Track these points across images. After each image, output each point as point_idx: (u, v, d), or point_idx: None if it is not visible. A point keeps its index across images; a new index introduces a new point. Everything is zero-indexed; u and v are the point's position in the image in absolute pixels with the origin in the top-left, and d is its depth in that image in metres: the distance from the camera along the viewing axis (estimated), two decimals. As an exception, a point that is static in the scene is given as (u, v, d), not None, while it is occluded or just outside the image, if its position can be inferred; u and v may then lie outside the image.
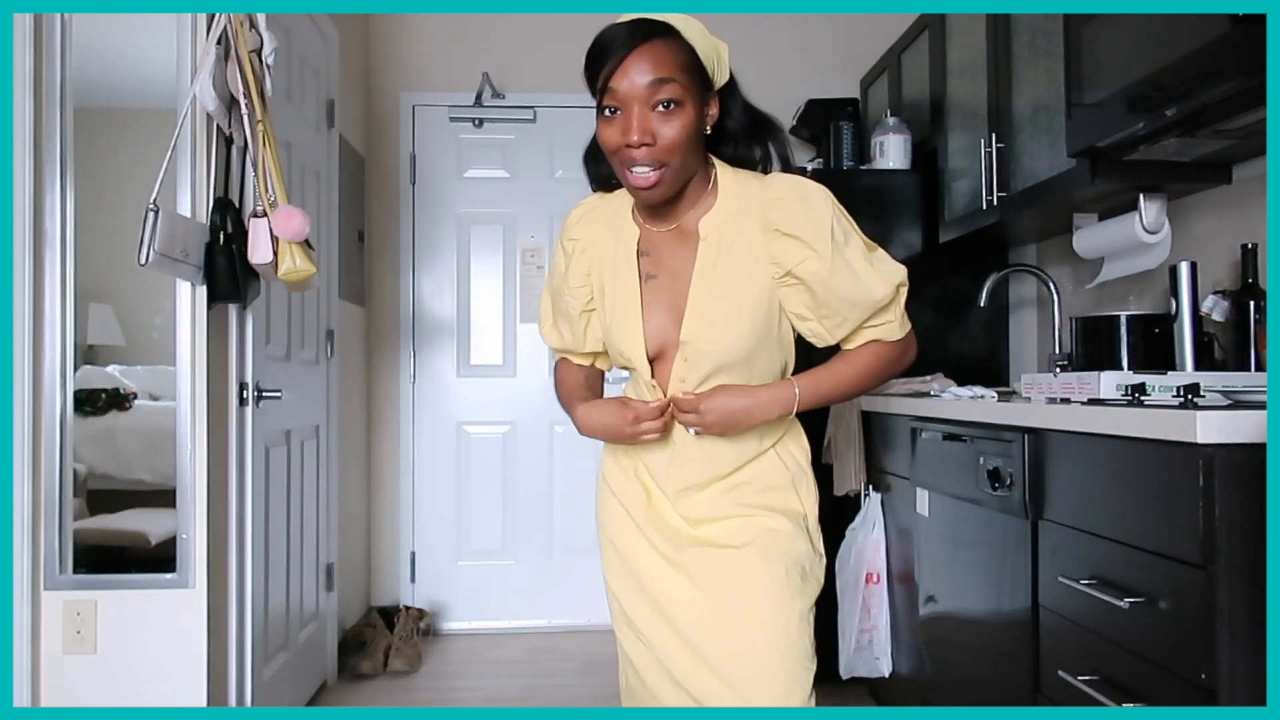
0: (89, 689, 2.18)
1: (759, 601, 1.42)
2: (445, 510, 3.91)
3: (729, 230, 1.41)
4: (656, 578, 1.48)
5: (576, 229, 1.54)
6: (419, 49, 3.93)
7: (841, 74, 3.88)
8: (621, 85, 1.31)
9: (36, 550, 2.14)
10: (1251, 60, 1.51)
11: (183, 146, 2.15)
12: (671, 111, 1.32)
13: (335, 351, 3.23)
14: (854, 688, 2.85)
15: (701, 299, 1.41)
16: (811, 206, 1.38)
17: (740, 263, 1.40)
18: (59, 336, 2.16)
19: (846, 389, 1.46)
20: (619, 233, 1.49)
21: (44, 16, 2.14)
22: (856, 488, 2.75)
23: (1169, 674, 1.38)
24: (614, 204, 1.53)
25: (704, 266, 1.41)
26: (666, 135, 1.32)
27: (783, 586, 1.43)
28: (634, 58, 1.30)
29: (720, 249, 1.41)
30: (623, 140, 1.33)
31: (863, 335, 1.45)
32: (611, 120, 1.34)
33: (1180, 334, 2.05)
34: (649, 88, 1.31)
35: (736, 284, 1.40)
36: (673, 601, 1.46)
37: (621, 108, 1.33)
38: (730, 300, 1.40)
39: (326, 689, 3.12)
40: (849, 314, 1.41)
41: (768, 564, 1.44)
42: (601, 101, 1.35)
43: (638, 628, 1.50)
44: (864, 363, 1.46)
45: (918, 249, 3.12)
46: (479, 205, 3.95)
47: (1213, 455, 1.30)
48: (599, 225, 1.52)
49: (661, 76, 1.31)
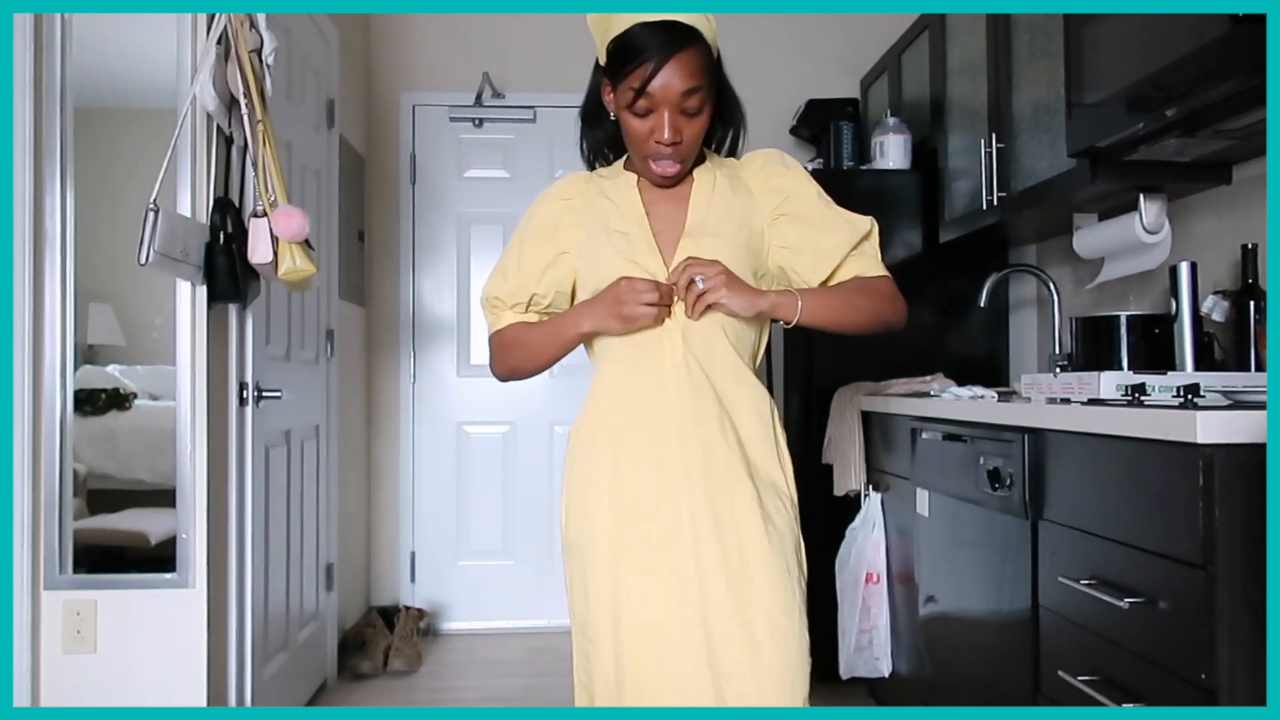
0: (89, 689, 2.18)
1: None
2: (445, 510, 3.91)
3: (721, 178, 1.55)
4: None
5: (568, 189, 1.59)
6: (419, 49, 3.93)
7: (841, 74, 3.88)
8: (658, 91, 1.40)
9: (36, 550, 2.14)
10: (1251, 60, 1.51)
11: (183, 146, 2.15)
12: (695, 116, 1.45)
13: (335, 351, 3.23)
14: (854, 688, 2.85)
15: (698, 219, 1.51)
16: (789, 159, 1.58)
17: (734, 199, 1.53)
18: (59, 336, 2.15)
19: (845, 304, 1.50)
20: (613, 186, 1.56)
21: (44, 16, 2.14)
22: (856, 488, 2.75)
23: (1169, 674, 1.38)
24: (598, 177, 1.60)
25: (699, 196, 1.53)
26: (690, 135, 1.45)
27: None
28: (672, 65, 1.39)
29: (715, 186, 1.54)
30: (654, 139, 1.44)
31: (847, 268, 1.53)
32: (644, 119, 1.44)
33: (1180, 334, 2.05)
34: (682, 96, 1.41)
35: (728, 213, 1.51)
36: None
37: (654, 109, 1.42)
38: (722, 225, 1.50)
39: (326, 689, 3.12)
40: (836, 241, 1.51)
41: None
42: (635, 102, 1.42)
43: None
44: (854, 286, 1.52)
45: (918, 249, 3.12)
46: (479, 205, 3.95)
47: (1213, 455, 1.30)
48: (589, 188, 1.58)
49: (694, 86, 1.41)
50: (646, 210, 1.52)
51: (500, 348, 1.61)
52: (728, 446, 1.46)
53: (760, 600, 1.42)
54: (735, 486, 1.45)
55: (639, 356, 1.49)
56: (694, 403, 1.46)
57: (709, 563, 1.42)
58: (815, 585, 2.91)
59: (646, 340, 1.48)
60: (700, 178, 1.54)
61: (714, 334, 1.48)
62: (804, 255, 1.52)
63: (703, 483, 1.44)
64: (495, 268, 1.61)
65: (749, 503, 1.45)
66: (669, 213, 1.53)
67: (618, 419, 1.50)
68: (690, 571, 1.43)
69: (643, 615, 1.44)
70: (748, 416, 1.49)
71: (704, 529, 1.43)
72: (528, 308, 1.57)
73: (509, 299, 1.58)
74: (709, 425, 1.46)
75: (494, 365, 1.63)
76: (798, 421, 3.09)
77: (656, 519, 1.45)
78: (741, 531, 1.44)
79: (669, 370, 1.47)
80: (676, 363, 1.46)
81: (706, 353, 1.47)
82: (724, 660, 1.41)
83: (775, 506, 1.48)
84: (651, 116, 1.43)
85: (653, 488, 1.46)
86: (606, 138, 1.61)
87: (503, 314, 1.60)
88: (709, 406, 1.46)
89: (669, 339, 1.47)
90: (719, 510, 1.44)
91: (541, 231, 1.56)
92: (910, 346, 3.02)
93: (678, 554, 1.44)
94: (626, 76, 1.41)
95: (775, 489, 1.50)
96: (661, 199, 1.54)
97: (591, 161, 1.65)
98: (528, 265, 1.55)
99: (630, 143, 1.49)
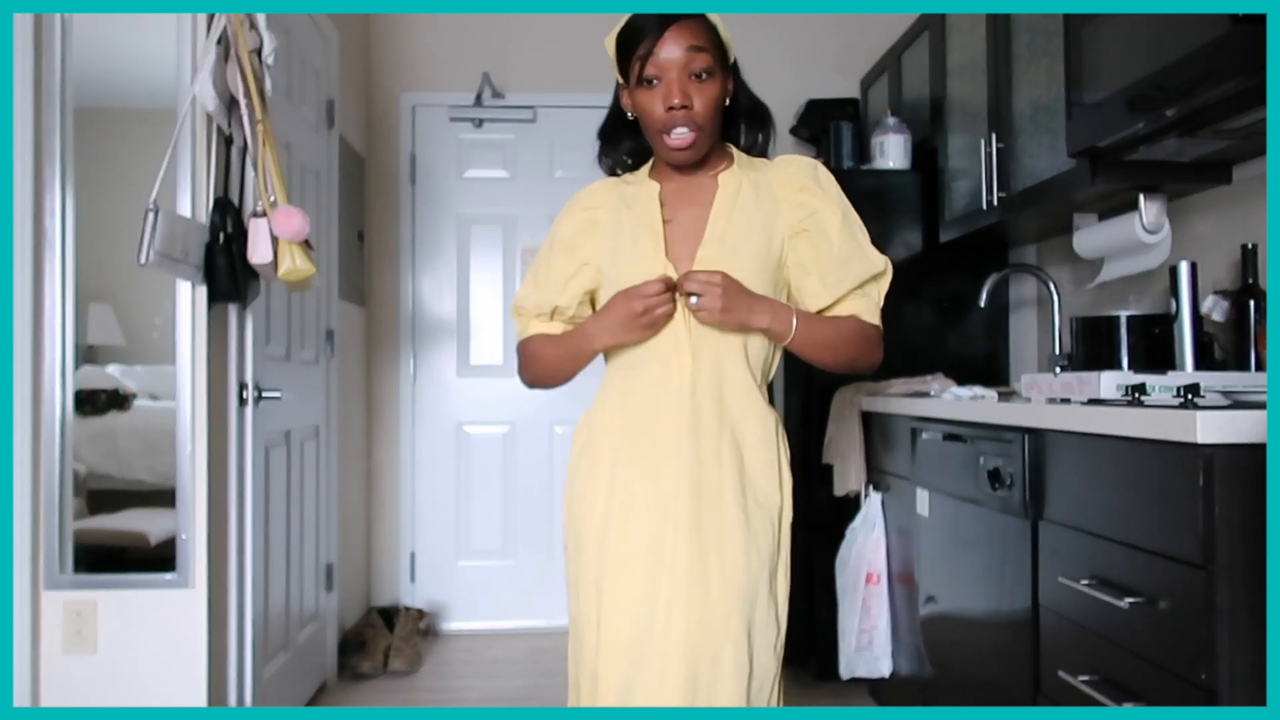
0: (89, 689, 2.18)
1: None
2: (445, 510, 3.91)
3: (746, 185, 1.54)
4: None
5: (592, 199, 1.61)
6: (419, 49, 3.93)
7: (841, 74, 3.88)
8: (661, 54, 1.44)
9: (36, 550, 2.14)
10: (1251, 60, 1.51)
11: (183, 146, 2.15)
12: (705, 81, 1.46)
13: (335, 351, 3.23)
14: (854, 688, 2.85)
15: (719, 228, 1.51)
16: (822, 175, 1.56)
17: (757, 207, 1.53)
18: (59, 336, 2.15)
19: (830, 344, 1.52)
20: (635, 194, 1.56)
21: (44, 16, 2.14)
22: (856, 488, 2.75)
23: (1169, 674, 1.38)
24: (623, 184, 1.61)
25: (722, 204, 1.53)
26: (702, 101, 1.46)
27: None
28: (671, 32, 1.44)
29: (740, 194, 1.53)
30: (665, 104, 1.45)
31: (848, 305, 1.53)
32: (652, 90, 1.46)
33: (1180, 334, 2.05)
34: (687, 53, 1.44)
35: (750, 223, 1.51)
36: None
37: (661, 76, 1.45)
38: (743, 235, 1.50)
39: (326, 689, 3.12)
40: (846, 273, 1.51)
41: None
42: (642, 72, 1.46)
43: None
44: (846, 326, 1.53)
45: (918, 249, 3.12)
46: (479, 205, 3.95)
47: (1213, 455, 1.30)
48: (613, 196, 1.59)
49: (697, 45, 1.44)
50: (669, 218, 1.53)
51: (525, 360, 1.64)
52: (720, 467, 1.47)
53: (731, 627, 1.43)
54: (723, 510, 1.46)
55: (647, 369, 1.51)
56: (694, 420, 1.47)
57: (686, 583, 1.43)
58: (815, 585, 2.93)
59: (656, 354, 1.50)
60: (725, 184, 1.54)
61: (727, 352, 1.50)
62: (810, 279, 1.53)
63: (690, 503, 1.45)
64: (527, 275, 1.65)
65: (734, 529, 1.46)
66: (690, 220, 1.53)
67: (619, 428, 1.52)
68: (665, 592, 1.44)
69: (619, 628, 1.46)
70: (753, 434, 1.51)
71: (687, 550, 1.44)
72: (552, 317, 1.60)
73: (533, 309, 1.60)
74: (705, 444, 1.47)
75: (521, 373, 1.67)
76: (798, 421, 3.09)
77: (645, 533, 1.47)
78: (723, 555, 1.45)
79: (674, 387, 1.48)
80: (683, 380, 1.47)
81: (716, 371, 1.49)
82: (695, 677, 1.42)
83: (763, 530, 1.48)
84: (660, 85, 1.45)
85: (644, 501, 1.48)
86: (627, 150, 1.63)
87: (529, 323, 1.62)
88: (709, 425, 1.47)
89: (678, 356, 1.48)
90: (704, 533, 1.45)
91: (565, 243, 1.58)
92: (910, 346, 3.02)
93: (658, 572, 1.45)
94: (633, 56, 1.46)
95: (768, 512, 1.50)
96: (685, 204, 1.54)
97: (613, 169, 1.66)
98: (553, 276, 1.58)
99: (648, 128, 1.51)
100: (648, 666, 1.43)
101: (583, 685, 1.52)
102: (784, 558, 1.53)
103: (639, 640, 1.44)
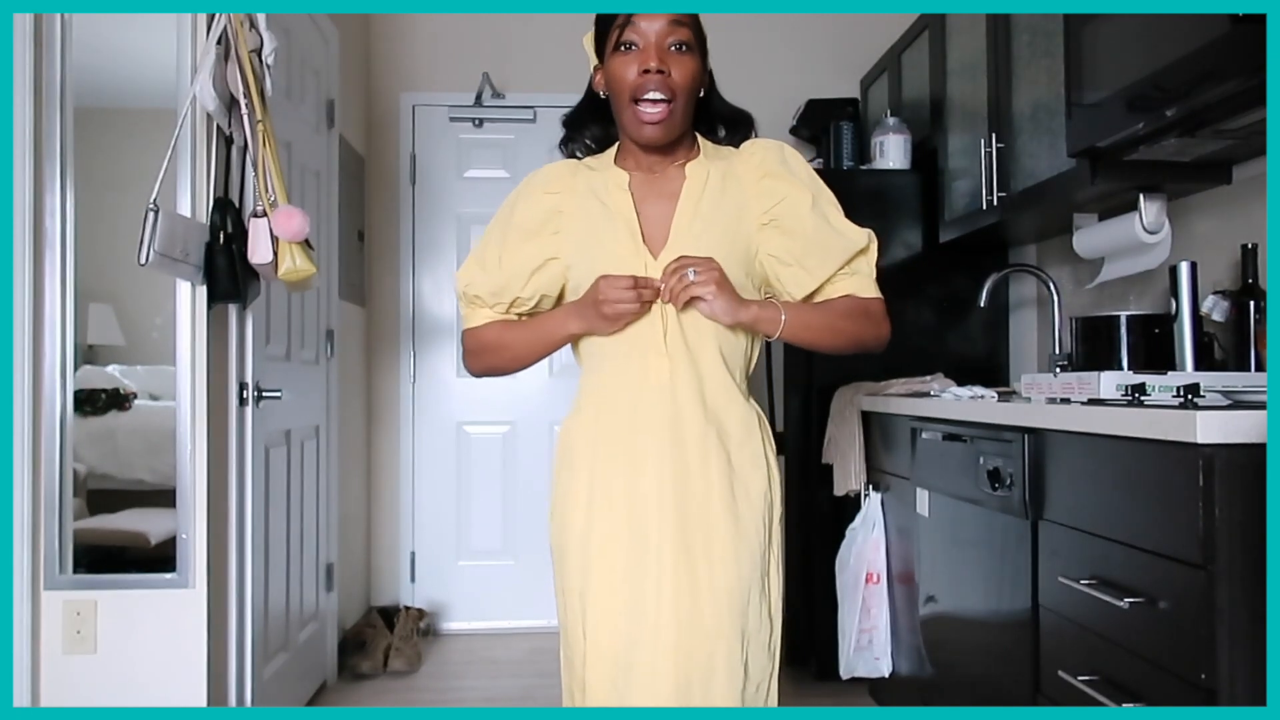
0: (89, 689, 2.18)
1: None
2: (445, 510, 3.91)
3: (714, 175, 1.50)
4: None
5: (553, 182, 1.54)
6: (419, 49, 3.93)
7: (841, 74, 3.88)
8: (642, 21, 1.42)
9: (36, 550, 2.14)
10: (1251, 60, 1.51)
11: (183, 146, 2.15)
12: (684, 53, 1.43)
13: (335, 351, 3.23)
14: (854, 688, 2.85)
15: (685, 220, 1.47)
16: (790, 157, 1.51)
17: (725, 198, 1.48)
18: (59, 336, 2.15)
19: (826, 327, 1.47)
20: (603, 183, 1.51)
21: (44, 16, 2.14)
22: (856, 488, 2.75)
23: (1169, 674, 1.38)
24: (586, 169, 1.55)
25: (690, 195, 1.48)
26: (679, 74, 1.42)
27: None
28: (652, 6, 1.42)
29: (707, 184, 1.49)
30: (640, 67, 1.41)
31: (838, 285, 1.49)
32: (629, 54, 1.43)
33: (1180, 334, 2.05)
34: (668, 24, 1.42)
35: (719, 215, 1.47)
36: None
37: (640, 41, 1.42)
38: (711, 229, 1.46)
39: (326, 689, 3.12)
40: (826, 257, 1.46)
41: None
42: (620, 38, 1.43)
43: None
44: (840, 305, 1.49)
45: (918, 249, 3.12)
46: (479, 205, 3.94)
47: (1213, 455, 1.30)
48: (577, 183, 1.53)
49: (678, 18, 1.42)
50: (636, 210, 1.48)
51: (479, 348, 1.57)
52: (707, 467, 1.44)
53: (723, 630, 1.41)
54: (711, 512, 1.43)
55: (624, 368, 1.46)
56: (674, 421, 1.43)
57: (674, 588, 1.41)
58: (815, 585, 2.93)
59: (631, 353, 1.45)
60: (693, 174, 1.49)
61: (702, 350, 1.45)
62: (790, 268, 1.47)
63: (675, 506, 1.42)
64: (472, 256, 1.55)
65: (723, 530, 1.43)
66: (657, 213, 1.48)
67: (597, 431, 1.48)
68: (652, 598, 1.41)
69: (604, 637, 1.43)
70: (736, 430, 1.47)
71: (673, 554, 1.41)
72: (509, 309, 1.54)
73: (490, 298, 1.53)
74: (688, 445, 1.43)
75: (469, 362, 1.59)
76: (798, 421, 3.09)
77: (626, 538, 1.43)
78: (712, 557, 1.42)
79: (652, 387, 1.44)
80: (661, 381, 1.44)
81: (692, 370, 1.44)
82: (687, 683, 1.41)
83: (754, 528, 1.46)
84: (637, 51, 1.42)
85: (625, 504, 1.44)
86: (591, 135, 1.59)
87: (480, 311, 1.56)
88: (690, 425, 1.43)
89: (654, 354, 1.44)
90: (690, 536, 1.42)
91: (525, 230, 1.51)
92: (910, 346, 3.02)
93: (642, 577, 1.42)
94: (612, 26, 1.44)
95: (759, 508, 1.47)
96: (651, 196, 1.49)
97: (573, 153, 1.60)
98: (512, 265, 1.51)
99: (618, 97, 1.45)
100: (637, 674, 1.40)
101: (575, 693, 1.49)
102: (776, 552, 1.50)
103: (627, 649, 1.41)
